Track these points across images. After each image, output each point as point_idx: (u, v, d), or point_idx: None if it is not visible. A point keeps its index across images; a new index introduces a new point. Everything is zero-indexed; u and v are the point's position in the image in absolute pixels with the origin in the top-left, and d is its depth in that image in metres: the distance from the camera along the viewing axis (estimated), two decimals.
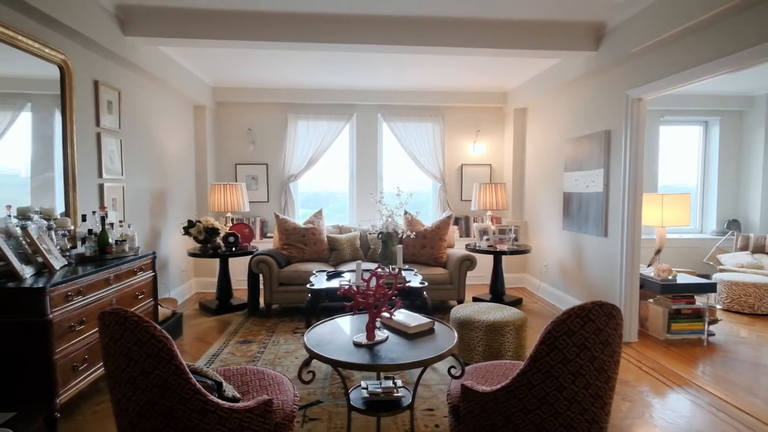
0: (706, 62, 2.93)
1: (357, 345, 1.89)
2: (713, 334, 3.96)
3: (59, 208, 3.02)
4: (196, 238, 4.64)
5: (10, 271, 2.31)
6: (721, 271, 5.32)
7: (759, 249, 5.69)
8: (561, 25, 3.77)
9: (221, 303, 4.76)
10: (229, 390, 1.91)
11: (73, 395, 2.35)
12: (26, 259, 2.43)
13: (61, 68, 2.98)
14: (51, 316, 2.17)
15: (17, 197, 2.70)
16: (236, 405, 1.69)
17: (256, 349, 3.65)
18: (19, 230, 2.48)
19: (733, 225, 6.36)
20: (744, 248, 5.80)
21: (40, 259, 2.49)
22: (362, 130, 6.04)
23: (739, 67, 2.77)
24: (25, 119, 2.83)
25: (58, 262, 2.57)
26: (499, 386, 1.79)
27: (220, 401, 1.65)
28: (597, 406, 1.75)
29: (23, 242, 2.47)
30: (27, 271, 2.35)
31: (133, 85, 4.00)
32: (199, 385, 1.61)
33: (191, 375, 1.61)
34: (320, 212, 5.17)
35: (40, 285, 2.16)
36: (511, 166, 6.00)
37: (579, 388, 1.70)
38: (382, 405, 1.88)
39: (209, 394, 1.65)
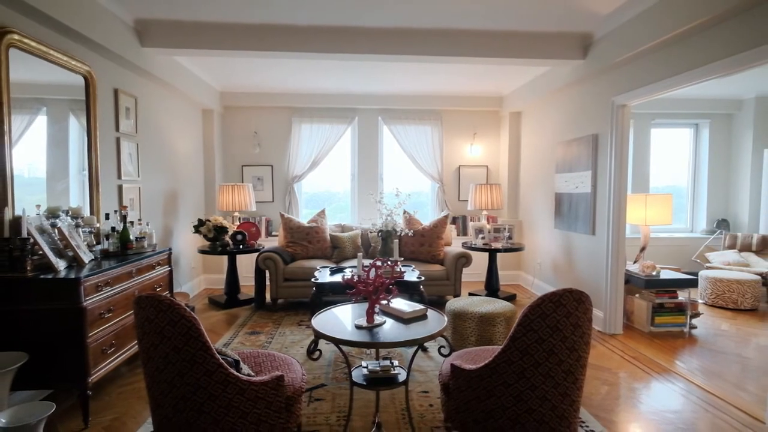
0: (687, 71, 3.14)
1: (358, 327, 2.13)
2: (695, 327, 4.19)
3: (74, 205, 3.18)
4: (205, 236, 4.90)
5: (46, 264, 2.56)
6: (708, 268, 5.55)
7: (746, 247, 5.91)
8: (551, 35, 4.01)
9: (229, 298, 5.02)
10: (245, 368, 2.15)
11: (101, 376, 2.59)
12: (59, 253, 2.68)
13: (85, 78, 3.23)
14: (85, 303, 2.42)
15: (21, 197, 2.72)
16: (253, 378, 1.94)
17: (264, 339, 3.90)
18: (50, 227, 2.73)
19: (722, 224, 6.59)
20: (732, 247, 6.03)
21: (70, 253, 2.75)
22: (363, 133, 6.29)
23: (716, 75, 2.95)
24: (40, 123, 2.98)
25: (86, 256, 2.82)
26: (482, 364, 2.03)
27: (239, 375, 1.90)
28: (569, 381, 1.99)
29: (55, 238, 2.72)
30: (60, 264, 2.60)
31: (147, 92, 4.26)
32: (222, 360, 1.85)
33: (215, 351, 1.86)
34: (323, 212, 5.42)
35: (76, 276, 2.41)
36: (506, 167, 6.24)
37: (553, 365, 1.94)
38: (380, 381, 2.13)
39: (230, 368, 1.90)
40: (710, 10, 2.73)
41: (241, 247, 5.00)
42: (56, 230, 2.73)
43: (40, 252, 2.58)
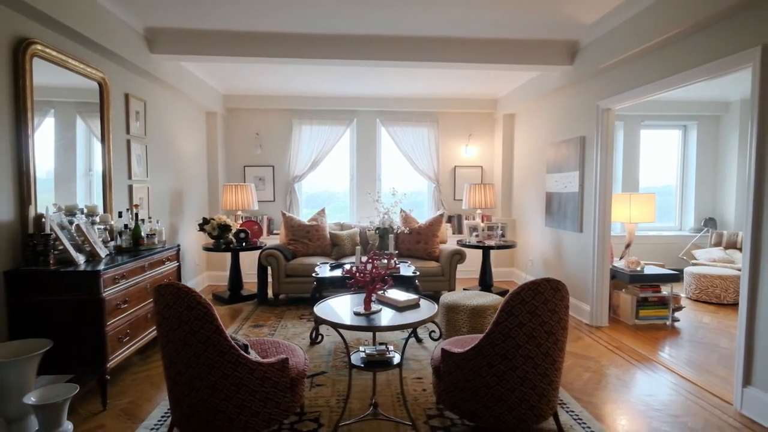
0: (666, 77, 3.31)
1: (356, 314, 2.34)
2: (678, 320, 4.40)
3: (81, 205, 3.23)
4: (210, 234, 5.09)
5: (66, 258, 2.76)
6: (694, 265, 5.76)
7: (731, 245, 6.12)
8: (540, 43, 4.21)
9: (233, 293, 5.21)
10: (253, 353, 2.35)
11: (117, 363, 2.79)
12: (78, 248, 2.88)
13: (100, 84, 3.43)
14: (103, 294, 2.62)
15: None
16: (261, 360, 2.14)
17: (267, 331, 4.10)
18: (69, 224, 2.93)
19: (710, 223, 6.81)
20: (718, 244, 6.24)
21: (88, 249, 2.94)
22: (362, 135, 6.49)
23: (694, 81, 3.11)
24: (48, 125, 3.05)
25: (102, 251, 3.02)
26: (469, 347, 2.23)
27: (249, 356, 2.10)
28: (548, 363, 2.20)
29: (74, 234, 2.92)
30: (80, 258, 2.80)
31: (155, 96, 4.45)
32: (233, 343, 2.05)
33: (228, 334, 2.06)
34: (323, 211, 5.63)
35: (96, 269, 2.61)
36: (500, 167, 6.45)
37: (532, 347, 2.14)
38: (376, 363, 2.33)
39: (240, 350, 2.10)
40: (687, 19, 2.91)
41: (243, 244, 5.19)
42: (75, 227, 2.93)
43: (61, 247, 2.77)
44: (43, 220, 2.74)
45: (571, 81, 4.40)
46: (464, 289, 5.52)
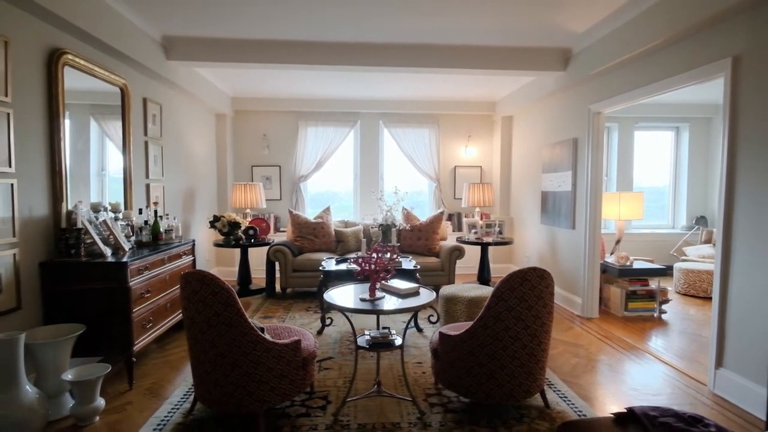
0: (652, 83, 3.53)
1: (362, 300, 2.58)
2: (665, 312, 4.63)
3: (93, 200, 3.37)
4: (220, 231, 5.34)
5: (95, 251, 3.01)
6: (683, 261, 5.99)
7: None
8: (535, 50, 4.44)
9: (242, 287, 5.46)
10: (268, 337, 2.60)
11: (141, 348, 3.04)
12: (105, 242, 3.12)
13: (121, 90, 3.68)
14: (130, 284, 2.87)
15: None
16: (277, 341, 2.38)
17: (276, 322, 4.34)
18: (95, 220, 3.18)
19: (701, 221, 7.03)
20: (708, 241, 6.47)
21: (112, 242, 3.19)
22: (365, 136, 6.73)
23: (677, 86, 3.32)
24: (65, 126, 3.09)
25: (126, 245, 3.27)
26: (464, 330, 2.47)
27: (266, 337, 2.34)
28: (534, 344, 2.44)
29: (101, 229, 3.17)
30: (108, 251, 3.04)
31: (169, 99, 4.70)
32: (253, 325, 2.30)
33: (248, 317, 2.30)
34: (328, 209, 5.87)
35: (123, 260, 2.85)
36: (499, 167, 6.68)
37: (520, 329, 2.38)
38: (380, 345, 2.57)
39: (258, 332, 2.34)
40: (669, 30, 3.12)
41: (252, 240, 5.44)
42: (101, 222, 3.18)
43: (89, 240, 3.02)
44: (74, 215, 2.99)
45: (564, 86, 4.63)
46: (463, 284, 5.75)
